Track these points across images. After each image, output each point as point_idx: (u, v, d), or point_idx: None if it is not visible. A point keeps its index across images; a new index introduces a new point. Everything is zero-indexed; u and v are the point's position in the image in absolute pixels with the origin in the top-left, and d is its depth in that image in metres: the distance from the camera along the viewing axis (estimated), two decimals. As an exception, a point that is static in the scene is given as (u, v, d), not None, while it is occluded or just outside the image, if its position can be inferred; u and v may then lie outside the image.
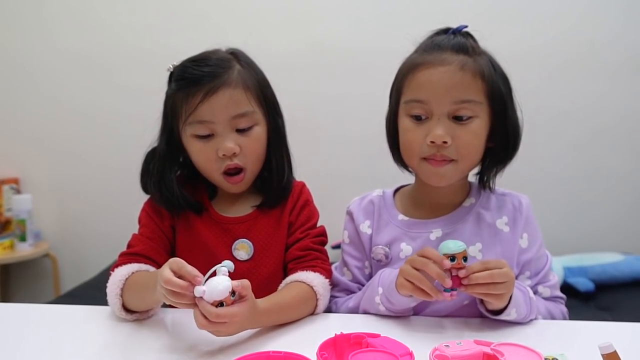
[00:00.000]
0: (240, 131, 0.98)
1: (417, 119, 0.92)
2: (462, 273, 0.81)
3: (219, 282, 0.75)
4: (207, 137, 0.97)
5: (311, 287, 0.96)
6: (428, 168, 0.93)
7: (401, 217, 1.03)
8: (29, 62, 2.48)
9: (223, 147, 0.96)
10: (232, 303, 0.76)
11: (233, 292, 0.76)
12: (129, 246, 1.03)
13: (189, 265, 0.76)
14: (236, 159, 0.98)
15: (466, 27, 0.96)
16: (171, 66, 1.01)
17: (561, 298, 1.02)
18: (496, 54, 0.90)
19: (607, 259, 2.06)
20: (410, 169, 1.03)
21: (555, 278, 1.02)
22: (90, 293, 1.87)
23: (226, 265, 0.77)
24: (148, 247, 1.00)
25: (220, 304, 0.75)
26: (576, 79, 2.32)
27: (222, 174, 0.99)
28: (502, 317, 0.88)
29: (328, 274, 1.01)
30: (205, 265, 0.94)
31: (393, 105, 1.00)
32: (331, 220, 1.17)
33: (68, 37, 2.46)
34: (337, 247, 1.29)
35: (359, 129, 2.16)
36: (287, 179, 1.06)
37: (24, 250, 2.38)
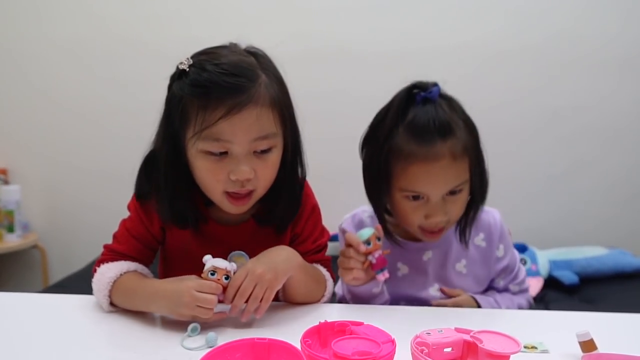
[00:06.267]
0: (256, 153, 0.87)
1: (415, 198, 0.98)
2: (377, 254, 0.95)
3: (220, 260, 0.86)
4: (220, 154, 0.86)
5: (324, 277, 1.01)
6: (423, 235, 1.02)
7: (395, 236, 1.07)
8: (19, 52, 2.46)
9: (238, 171, 0.85)
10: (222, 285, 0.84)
11: (227, 276, 0.85)
12: (114, 238, 1.01)
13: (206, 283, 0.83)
14: (248, 184, 0.88)
15: (438, 88, 0.97)
16: (185, 62, 0.86)
17: (526, 289, 1.16)
18: (494, 49, 0.87)
19: (591, 253, 2.10)
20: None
21: (523, 272, 1.16)
22: (79, 284, 1.86)
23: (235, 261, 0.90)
24: (132, 248, 0.98)
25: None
26: (567, 76, 2.33)
27: (226, 194, 0.90)
28: None
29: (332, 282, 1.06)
30: (194, 272, 0.91)
31: (378, 178, 1.00)
32: (329, 216, 1.16)
33: (59, 28, 2.44)
34: (331, 239, 1.29)
35: (355, 125, 2.15)
36: (293, 208, 0.99)
37: (12, 241, 2.37)
